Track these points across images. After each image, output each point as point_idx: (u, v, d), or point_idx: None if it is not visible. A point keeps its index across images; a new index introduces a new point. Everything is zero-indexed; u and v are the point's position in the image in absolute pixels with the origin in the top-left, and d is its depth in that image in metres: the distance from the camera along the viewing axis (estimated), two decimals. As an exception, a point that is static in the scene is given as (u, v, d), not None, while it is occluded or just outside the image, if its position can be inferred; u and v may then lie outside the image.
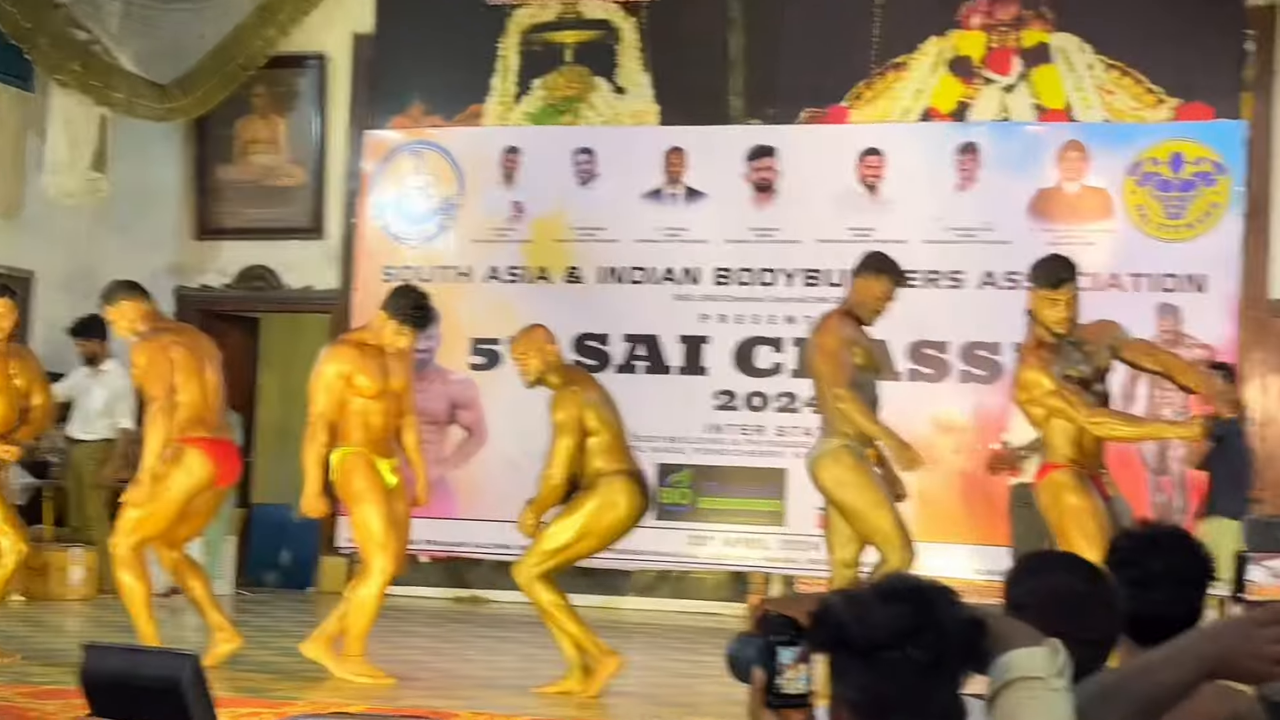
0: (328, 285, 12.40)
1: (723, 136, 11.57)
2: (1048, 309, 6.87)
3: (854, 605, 2.05)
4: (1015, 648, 2.12)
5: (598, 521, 7.60)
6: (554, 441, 7.57)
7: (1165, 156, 10.74)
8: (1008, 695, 2.08)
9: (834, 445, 7.36)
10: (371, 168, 12.23)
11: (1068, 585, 2.71)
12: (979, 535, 10.49)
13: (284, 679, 7.64)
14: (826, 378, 7.40)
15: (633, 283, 11.58)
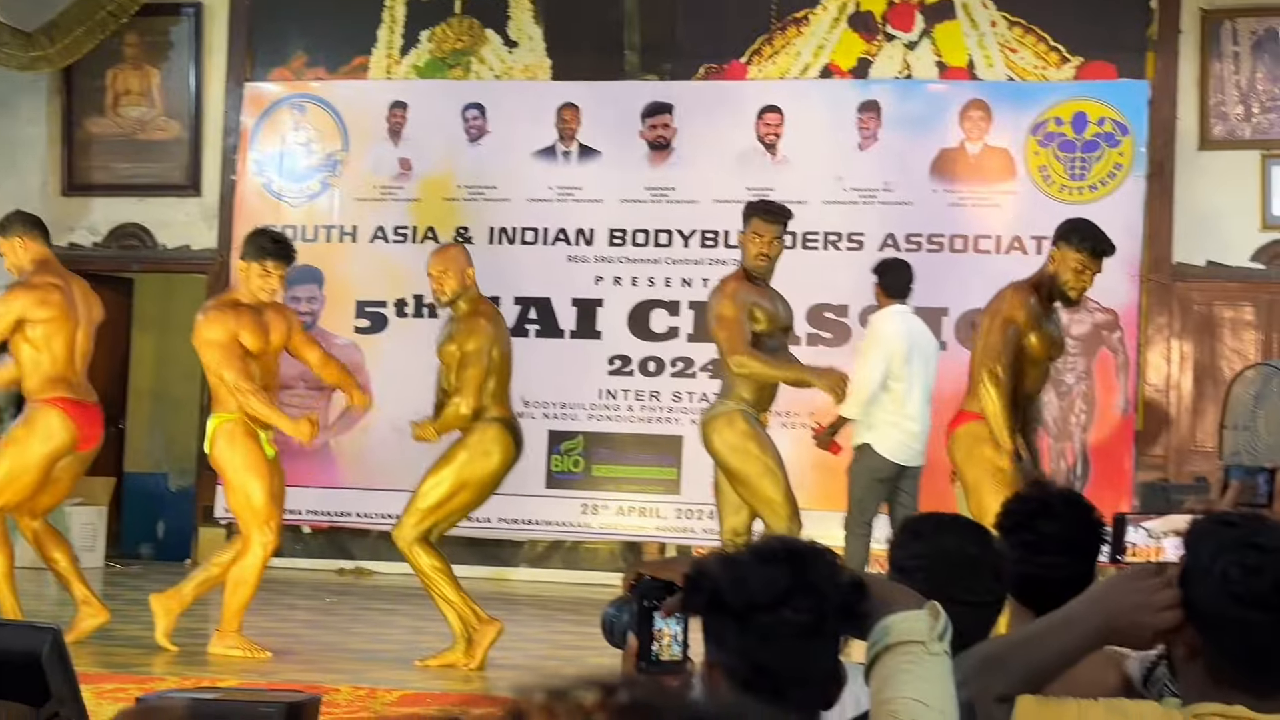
0: (205, 245, 11.93)
1: (617, 93, 11.25)
2: (752, 245, 7.17)
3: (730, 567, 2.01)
4: (895, 611, 2.06)
5: (473, 472, 7.39)
6: (462, 370, 7.31)
7: (1068, 116, 10.58)
8: (887, 659, 2.04)
9: (728, 409, 7.18)
10: (251, 122, 11.76)
11: (955, 548, 2.64)
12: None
13: (154, 654, 7.36)
14: (723, 347, 7.20)
15: (524, 243, 11.24)
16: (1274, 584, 2.19)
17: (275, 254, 7.44)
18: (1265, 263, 10.50)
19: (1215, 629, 2.22)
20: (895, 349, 7.99)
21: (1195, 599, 2.24)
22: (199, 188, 11.97)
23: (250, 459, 7.38)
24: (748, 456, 7.12)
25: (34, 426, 7.51)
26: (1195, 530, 2.33)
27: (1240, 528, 2.29)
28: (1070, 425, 10.44)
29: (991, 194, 10.61)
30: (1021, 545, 2.97)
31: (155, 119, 12.03)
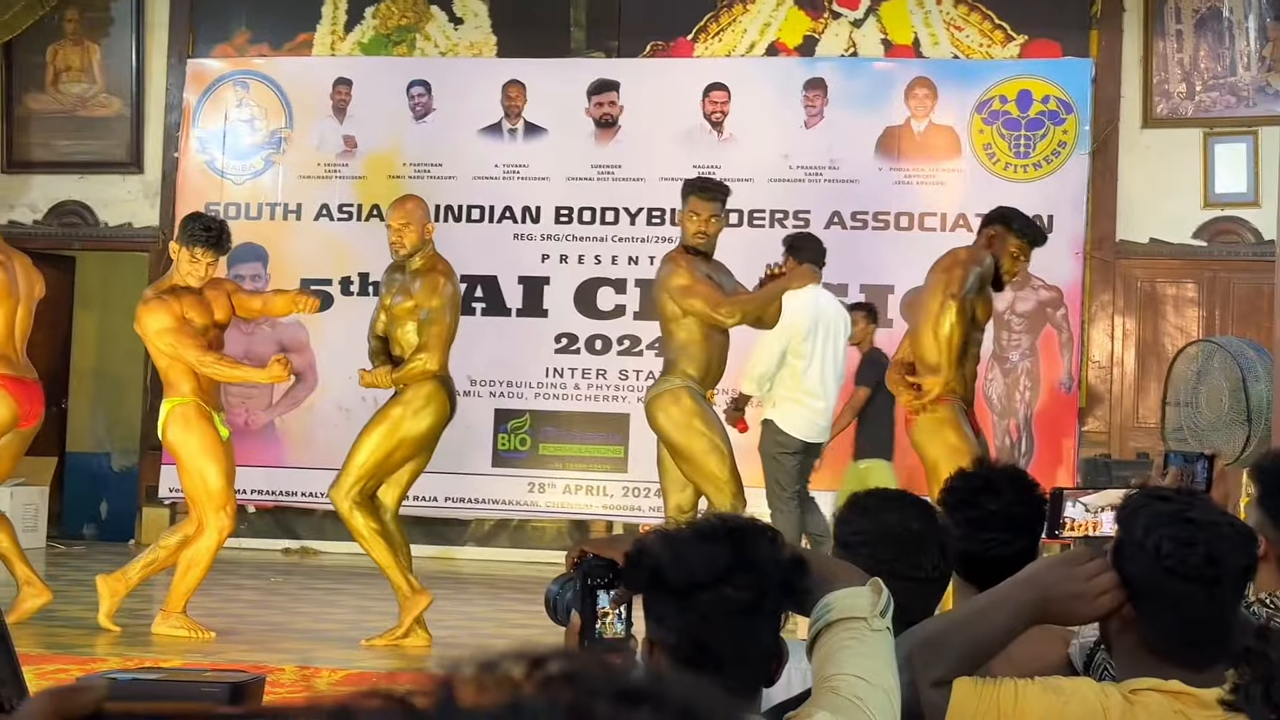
0: (147, 222, 11.82)
1: (564, 70, 11.20)
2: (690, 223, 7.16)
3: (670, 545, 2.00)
4: (838, 588, 2.07)
5: (410, 430, 7.38)
6: (426, 326, 7.31)
7: (1013, 94, 10.62)
8: (829, 636, 2.04)
9: (674, 386, 7.17)
10: (193, 99, 11.65)
11: (899, 524, 2.64)
12: (823, 481, 10.28)
13: (96, 635, 7.29)
14: (704, 310, 7.14)
15: (470, 221, 11.18)
16: (1206, 557, 2.21)
17: (205, 242, 7.34)
18: (1207, 240, 10.57)
19: (1149, 602, 2.24)
20: (797, 325, 7.96)
21: (1129, 573, 2.26)
22: (141, 165, 11.85)
23: (206, 442, 7.31)
24: (693, 433, 7.11)
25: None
26: (1129, 505, 2.35)
27: (1173, 502, 2.32)
28: (1014, 401, 10.50)
29: (937, 172, 10.64)
30: (965, 522, 2.98)
31: (96, 95, 11.89)
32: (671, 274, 7.25)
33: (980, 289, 6.92)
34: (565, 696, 0.54)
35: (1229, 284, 10.56)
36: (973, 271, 6.87)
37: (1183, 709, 2.17)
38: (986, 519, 3.02)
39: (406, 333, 7.44)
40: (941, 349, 6.83)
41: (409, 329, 7.42)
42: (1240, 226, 10.54)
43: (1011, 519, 3.04)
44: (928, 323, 6.89)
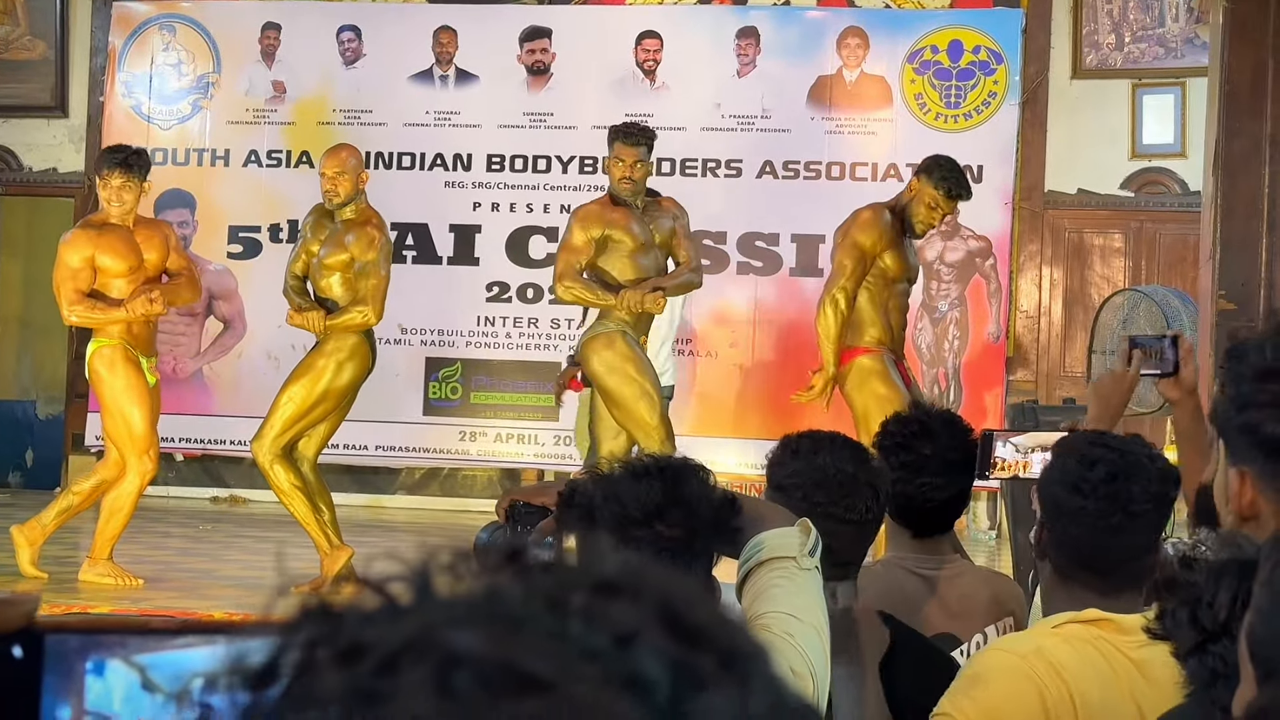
0: (72, 168, 11.66)
1: (495, 16, 11.12)
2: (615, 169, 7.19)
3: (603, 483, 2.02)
4: (767, 528, 2.08)
5: (333, 382, 7.37)
6: (362, 279, 7.31)
7: (944, 44, 10.65)
8: (759, 575, 2.06)
9: (608, 329, 7.16)
10: (119, 42, 11.48)
11: (833, 466, 2.65)
12: (754, 429, 10.35)
13: (21, 582, 7.19)
14: (555, 271, 7.21)
15: (401, 169, 11.11)
16: (1108, 474, 2.26)
17: (107, 162, 7.27)
18: (1134, 190, 10.67)
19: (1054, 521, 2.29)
20: None
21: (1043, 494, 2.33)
22: (66, 109, 11.68)
23: (130, 384, 7.23)
24: (624, 378, 7.12)
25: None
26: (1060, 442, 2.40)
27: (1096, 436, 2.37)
28: (943, 351, 10.58)
29: (868, 122, 10.66)
30: (901, 466, 3.02)
31: (20, 38, 11.68)
32: (567, 225, 7.33)
33: (890, 245, 6.96)
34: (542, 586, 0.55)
35: (1155, 234, 10.67)
36: (855, 253, 6.92)
37: (1102, 634, 2.20)
38: (922, 463, 3.05)
39: (332, 284, 7.40)
40: (823, 342, 6.94)
41: (334, 280, 7.38)
42: (1167, 178, 10.64)
43: (946, 463, 3.08)
44: (819, 312, 6.96)
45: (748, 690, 0.55)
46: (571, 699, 0.52)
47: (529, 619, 0.54)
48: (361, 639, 0.54)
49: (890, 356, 7.00)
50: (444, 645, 0.53)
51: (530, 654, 0.53)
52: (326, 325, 7.31)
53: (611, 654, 0.54)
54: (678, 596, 0.56)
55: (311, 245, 7.51)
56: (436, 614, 0.54)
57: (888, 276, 6.99)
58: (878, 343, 6.94)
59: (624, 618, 0.55)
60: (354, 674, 0.53)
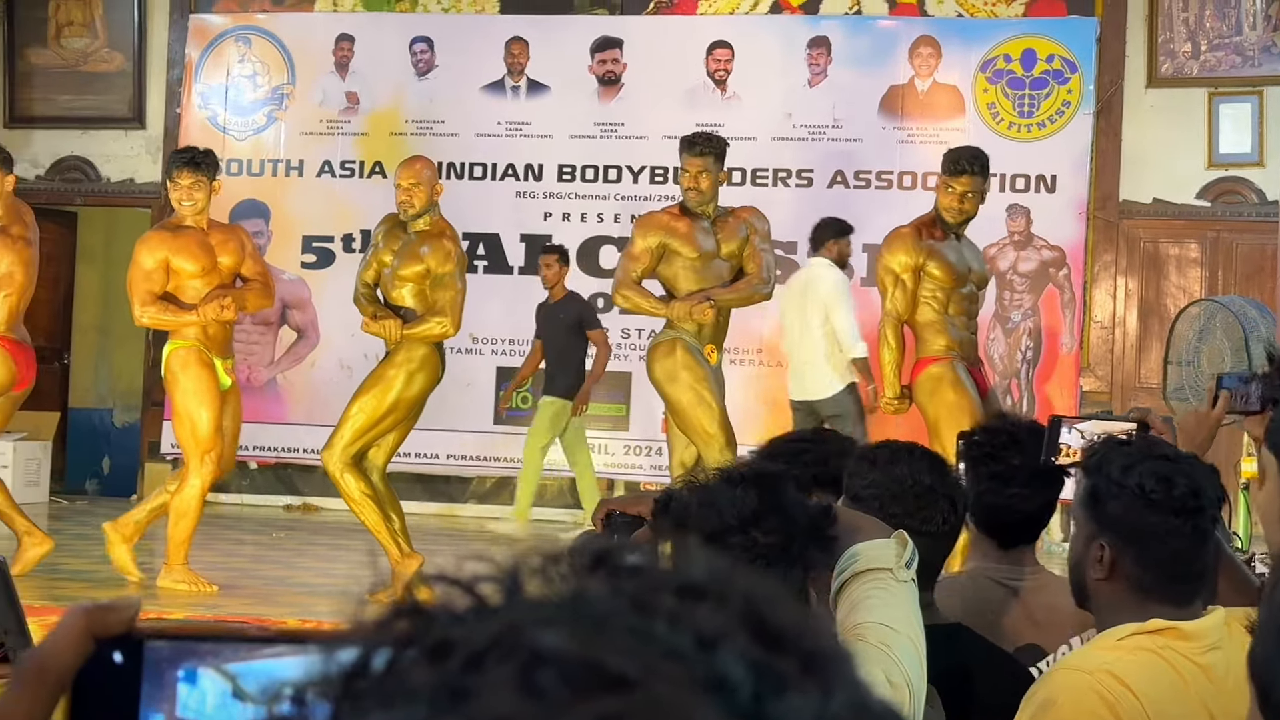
0: (149, 179, 11.80)
1: (567, 27, 11.16)
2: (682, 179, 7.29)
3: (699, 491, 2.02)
4: (864, 539, 2.08)
5: (404, 393, 7.40)
6: (438, 290, 7.36)
7: (1017, 53, 10.58)
8: (854, 586, 2.05)
9: (670, 337, 7.18)
10: (195, 54, 11.61)
11: (911, 477, 2.64)
12: (826, 439, 10.31)
13: (100, 587, 7.31)
14: (615, 281, 7.30)
15: (473, 179, 11.16)
16: (1189, 488, 2.24)
17: (176, 163, 7.36)
18: (1210, 200, 10.56)
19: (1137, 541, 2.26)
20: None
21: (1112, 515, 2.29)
22: (143, 120, 11.82)
23: (200, 387, 7.27)
24: (683, 386, 7.11)
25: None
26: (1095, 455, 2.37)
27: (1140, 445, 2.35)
28: (1016, 361, 10.51)
29: (940, 131, 10.60)
30: (990, 477, 3.01)
31: (98, 51, 11.85)
32: (632, 234, 7.36)
33: (931, 255, 6.99)
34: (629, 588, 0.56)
35: (1232, 244, 10.55)
36: (892, 262, 7.08)
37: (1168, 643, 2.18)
38: (1010, 473, 3.03)
39: (405, 294, 7.43)
40: (883, 366, 7.18)
41: (407, 290, 7.41)
42: (1244, 187, 10.52)
43: (1034, 474, 3.05)
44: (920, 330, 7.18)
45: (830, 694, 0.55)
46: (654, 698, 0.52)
47: (614, 619, 0.55)
48: (449, 637, 0.55)
49: (961, 364, 6.98)
50: (529, 644, 0.54)
51: (614, 653, 0.53)
52: (403, 334, 7.35)
53: (695, 655, 0.54)
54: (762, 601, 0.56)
55: (384, 255, 7.55)
56: (523, 614, 0.55)
57: (942, 284, 6.99)
58: (946, 350, 6.96)
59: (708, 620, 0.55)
60: (441, 671, 0.54)
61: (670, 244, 7.17)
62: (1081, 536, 2.34)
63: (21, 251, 7.39)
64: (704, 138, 7.39)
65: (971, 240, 7.36)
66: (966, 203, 6.98)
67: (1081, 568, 2.33)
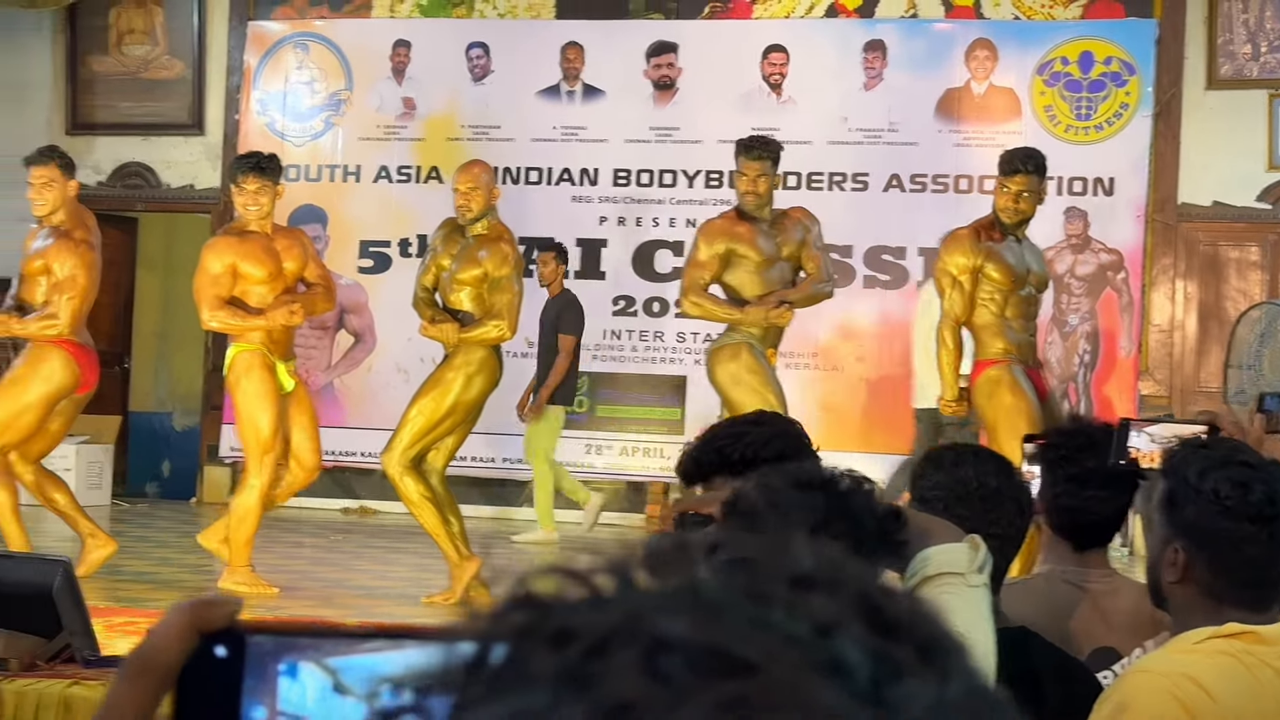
0: (208, 184, 11.91)
1: (622, 32, 11.19)
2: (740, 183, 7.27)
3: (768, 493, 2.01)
4: (934, 543, 2.05)
5: (462, 396, 7.43)
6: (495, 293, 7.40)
7: (1075, 56, 10.53)
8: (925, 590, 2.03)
9: (734, 341, 7.19)
10: (254, 61, 11.71)
11: (977, 480, 2.63)
12: (880, 443, 10.29)
13: (162, 589, 7.36)
14: (681, 286, 7.33)
15: (528, 184, 11.20)
16: (1265, 495, 2.23)
17: (242, 167, 7.42)
18: (1271, 203, 10.47)
19: (1210, 546, 2.26)
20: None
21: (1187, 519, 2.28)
22: (203, 127, 11.93)
23: (262, 390, 7.33)
24: (747, 390, 7.12)
25: (36, 367, 7.49)
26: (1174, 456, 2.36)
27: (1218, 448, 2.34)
28: (1074, 365, 10.45)
29: (997, 134, 10.55)
30: (1067, 479, 3.01)
31: (159, 58, 11.97)
32: (694, 240, 7.37)
33: (988, 256, 6.98)
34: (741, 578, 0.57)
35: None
36: (949, 265, 7.05)
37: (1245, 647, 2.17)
38: (1087, 475, 3.03)
39: (463, 298, 7.47)
40: (940, 368, 7.14)
41: (465, 294, 7.45)
42: (1304, 189, 10.43)
43: (1111, 476, 3.05)
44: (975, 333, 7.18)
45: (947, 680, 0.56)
46: (777, 681, 0.54)
47: (731, 608, 0.56)
48: (570, 624, 0.56)
49: (1019, 366, 6.96)
50: (651, 630, 0.55)
51: (735, 639, 0.55)
52: (460, 338, 7.39)
53: (813, 641, 0.55)
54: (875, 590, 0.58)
55: (442, 259, 7.59)
56: (641, 602, 0.56)
57: (1000, 286, 6.97)
58: (1004, 353, 6.95)
59: (823, 608, 0.56)
60: (563, 657, 0.55)
61: (735, 249, 7.20)
62: (1158, 539, 2.33)
63: (85, 255, 7.48)
64: (761, 141, 7.41)
65: (1033, 242, 7.33)
66: (1022, 202, 6.96)
67: (1157, 570, 2.33)
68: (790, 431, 3.08)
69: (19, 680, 4.70)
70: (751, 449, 2.95)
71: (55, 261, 7.44)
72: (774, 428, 3.05)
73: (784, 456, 2.99)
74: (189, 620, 0.84)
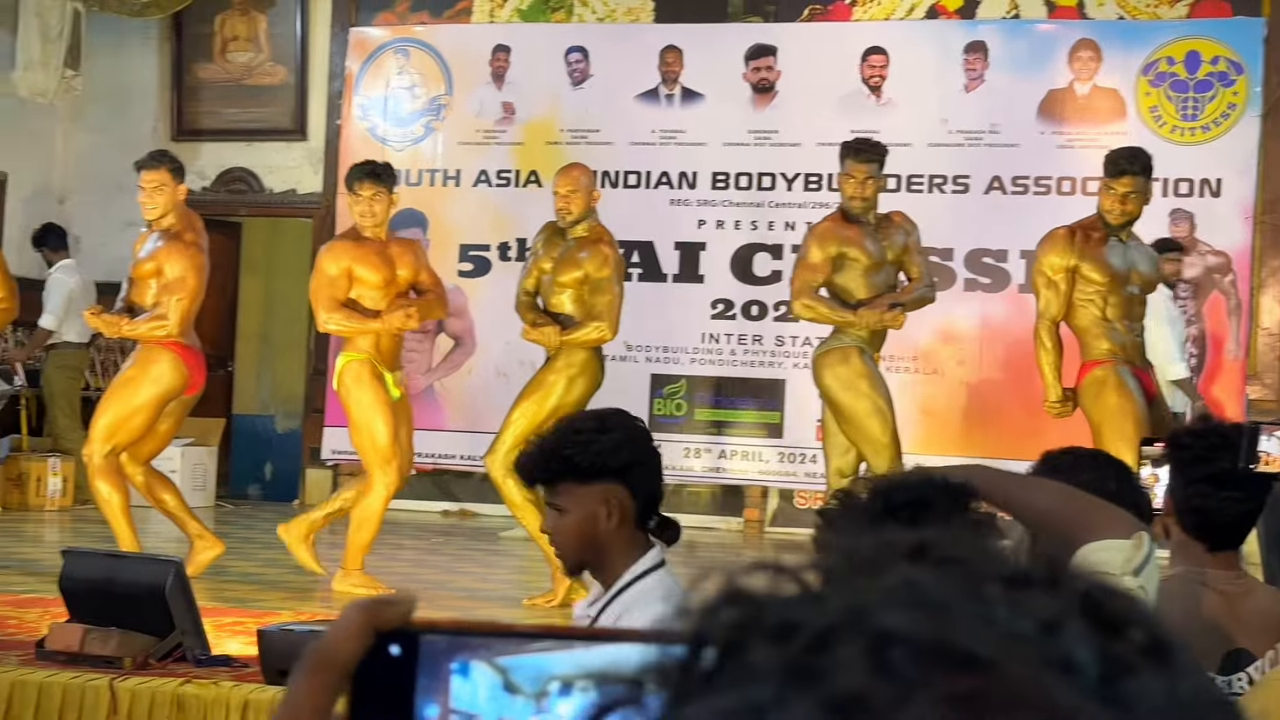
0: (311, 189, 12.04)
1: (721, 35, 11.18)
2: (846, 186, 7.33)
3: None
4: (1100, 536, 1.98)
5: (564, 397, 7.44)
6: (596, 295, 7.44)
7: (1181, 56, 10.39)
8: None
9: (844, 344, 7.16)
10: (356, 67, 11.82)
11: (1097, 484, 2.54)
12: (981, 447, 10.20)
13: (267, 589, 7.44)
14: (792, 289, 7.31)
15: (627, 187, 11.21)
16: None
17: (358, 175, 7.46)
18: (1383, 204, 10.28)
19: None
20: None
21: None
22: (305, 132, 12.06)
23: (375, 399, 7.39)
24: (858, 394, 7.10)
25: (146, 368, 7.60)
26: None
27: None
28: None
29: (1101, 135, 10.43)
30: (1202, 480, 2.98)
31: (262, 64, 12.12)
32: (804, 243, 7.36)
33: (1085, 257, 6.93)
34: (956, 575, 0.56)
35: (1406, 249, 10.25)
36: (1045, 266, 7.05)
37: None
38: (1224, 476, 3.00)
39: (564, 300, 7.50)
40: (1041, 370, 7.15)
41: (566, 296, 7.48)
42: None
43: (1246, 476, 3.02)
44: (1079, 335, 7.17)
45: (1176, 678, 0.56)
46: (1011, 677, 0.53)
47: (953, 604, 0.55)
48: (791, 619, 0.55)
49: (1124, 367, 6.89)
50: (875, 624, 0.54)
51: (963, 634, 0.54)
52: (562, 340, 7.42)
53: (1040, 638, 0.55)
54: (1097, 589, 0.57)
55: (543, 262, 7.63)
56: (860, 597, 0.56)
57: (1099, 287, 6.92)
58: (1109, 354, 6.90)
59: (1045, 606, 0.56)
60: (787, 651, 0.55)
61: (846, 252, 7.18)
62: None
63: (194, 257, 7.59)
64: (869, 144, 7.39)
65: (1142, 242, 7.25)
66: (1129, 204, 6.92)
67: None
68: (637, 436, 3.10)
69: (133, 678, 4.78)
70: (600, 457, 2.95)
71: (165, 263, 7.55)
72: (621, 433, 3.06)
73: (632, 464, 3.01)
74: (366, 619, 0.84)
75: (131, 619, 4.97)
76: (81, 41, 11.63)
